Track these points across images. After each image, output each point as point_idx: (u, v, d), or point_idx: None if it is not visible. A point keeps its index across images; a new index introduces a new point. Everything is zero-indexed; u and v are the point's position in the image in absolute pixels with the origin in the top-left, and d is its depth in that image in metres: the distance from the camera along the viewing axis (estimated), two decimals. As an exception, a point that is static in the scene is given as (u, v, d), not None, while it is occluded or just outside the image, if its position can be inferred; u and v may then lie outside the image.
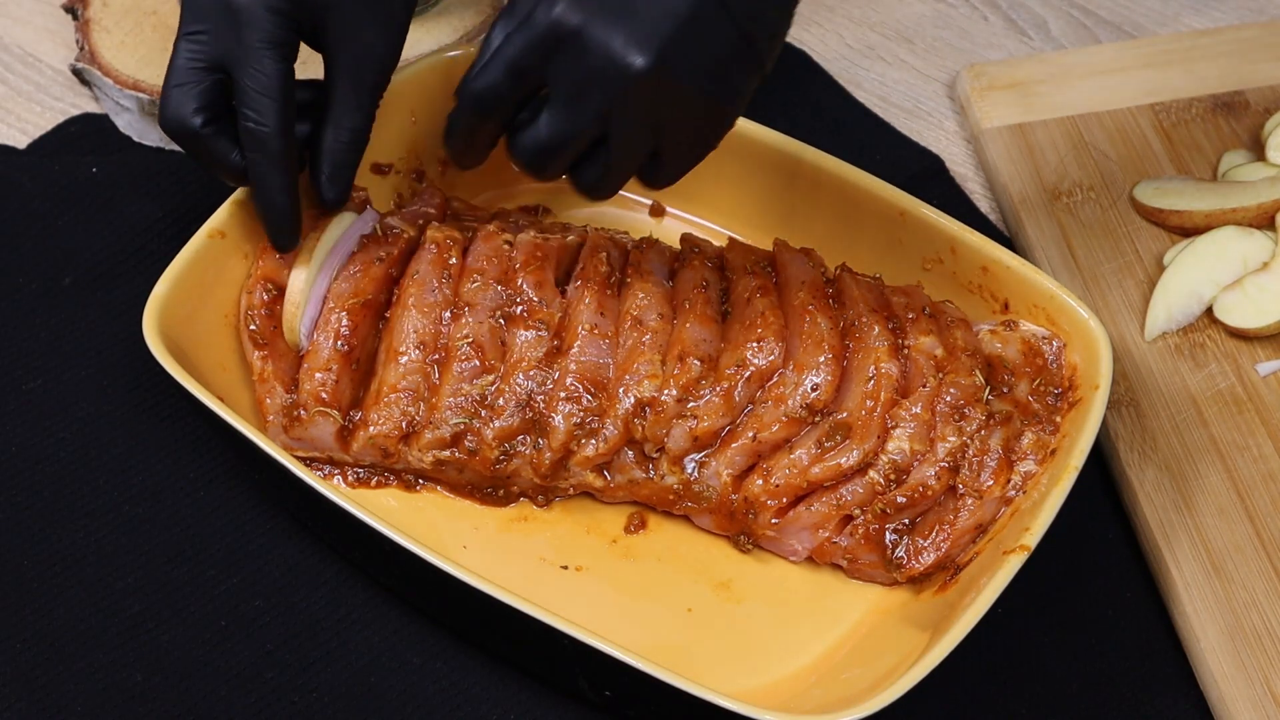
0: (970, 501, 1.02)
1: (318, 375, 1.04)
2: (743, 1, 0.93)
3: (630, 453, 1.04)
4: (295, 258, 1.07)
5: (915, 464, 1.02)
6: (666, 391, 1.02)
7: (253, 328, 1.05)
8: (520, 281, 1.06)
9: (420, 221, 1.11)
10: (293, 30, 1.00)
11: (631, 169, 0.99)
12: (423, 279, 1.05)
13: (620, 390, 1.03)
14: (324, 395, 1.04)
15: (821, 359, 1.03)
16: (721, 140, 1.00)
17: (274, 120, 0.99)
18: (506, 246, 1.07)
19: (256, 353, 1.05)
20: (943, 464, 1.01)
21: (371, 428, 1.04)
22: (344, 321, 1.05)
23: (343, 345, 1.04)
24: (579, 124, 0.94)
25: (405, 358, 1.04)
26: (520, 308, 1.05)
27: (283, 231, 1.04)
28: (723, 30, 0.93)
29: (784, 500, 1.02)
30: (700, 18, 0.92)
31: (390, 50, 1.03)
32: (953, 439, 1.02)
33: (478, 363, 1.04)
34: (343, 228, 1.08)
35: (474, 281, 1.05)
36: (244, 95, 0.99)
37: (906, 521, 1.02)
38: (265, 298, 1.06)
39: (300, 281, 1.05)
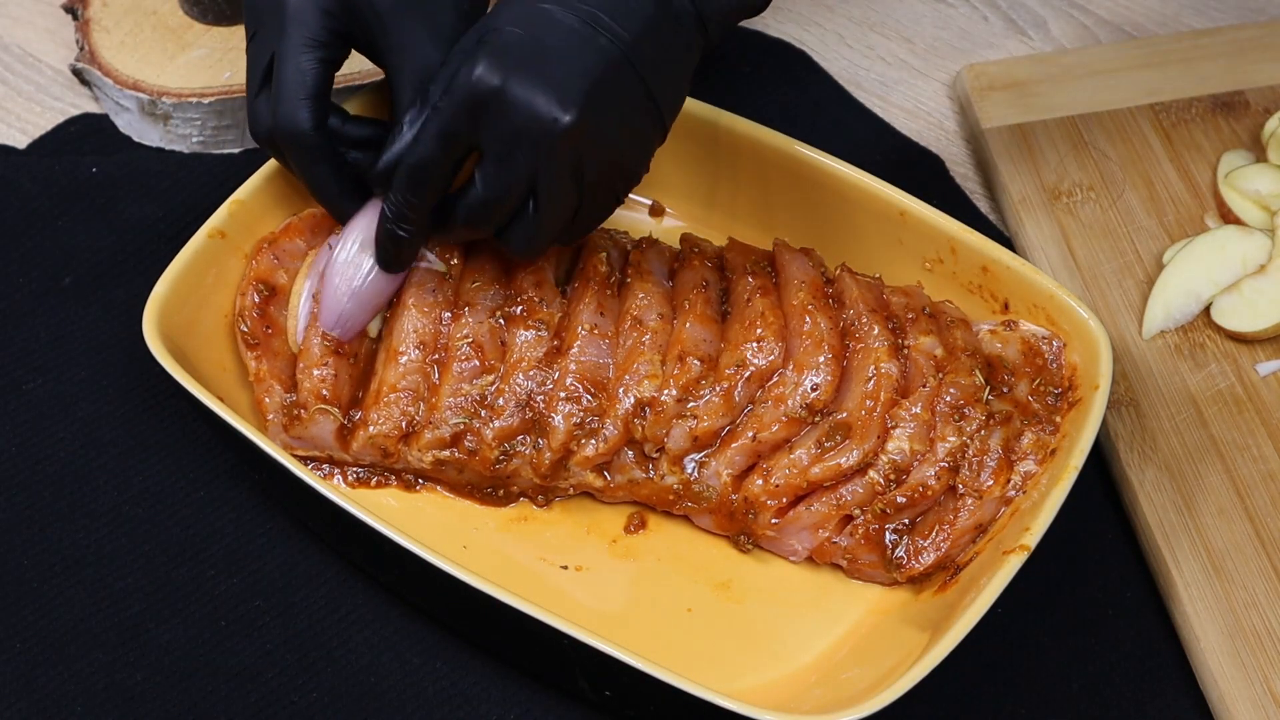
0: (970, 501, 1.02)
1: (315, 372, 1.04)
2: (648, 64, 0.96)
3: (630, 453, 1.04)
4: (295, 266, 1.07)
5: (915, 464, 1.02)
6: (666, 391, 1.02)
7: (244, 329, 1.05)
8: (521, 281, 1.06)
9: None
10: (339, 34, 1.01)
11: (560, 225, 1.00)
12: (422, 279, 1.05)
13: (620, 390, 1.03)
14: (325, 392, 1.04)
15: (821, 359, 1.03)
16: (621, 201, 1.03)
17: (306, 117, 1.00)
18: (507, 246, 1.08)
19: (250, 353, 1.05)
20: (943, 464, 1.01)
21: (371, 427, 1.04)
22: None
23: (329, 341, 1.04)
24: (510, 181, 0.96)
25: (405, 357, 1.04)
26: (520, 307, 1.05)
27: (345, 215, 1.05)
28: (633, 90, 0.96)
29: (784, 500, 1.02)
30: (614, 77, 0.95)
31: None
32: (953, 439, 1.02)
33: (477, 363, 1.04)
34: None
35: (474, 281, 1.05)
36: (280, 87, 1.01)
37: (906, 521, 1.02)
38: (257, 299, 1.06)
39: (298, 293, 1.06)
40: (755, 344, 1.03)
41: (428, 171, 0.97)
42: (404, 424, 1.04)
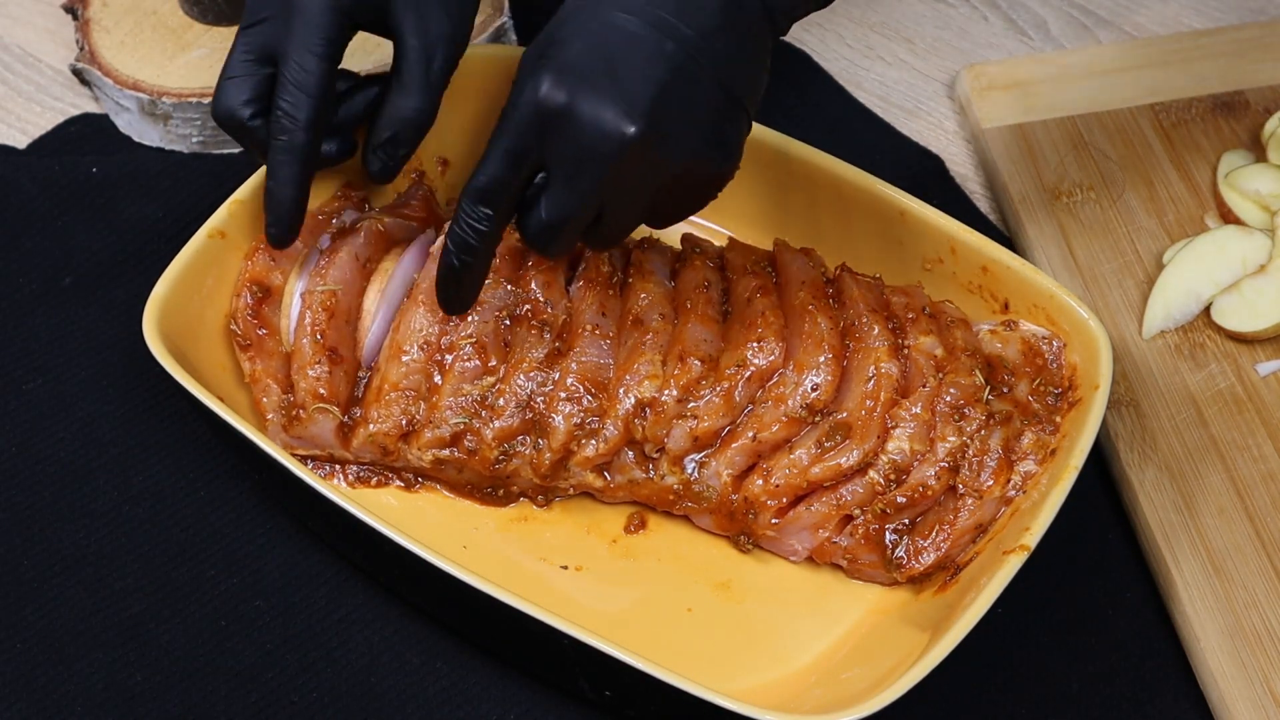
0: (970, 501, 1.02)
1: (310, 372, 1.04)
2: (720, 59, 0.93)
3: (630, 453, 1.04)
4: (292, 267, 1.07)
5: (915, 464, 1.02)
6: (667, 392, 1.02)
7: (235, 330, 1.05)
8: (530, 281, 1.05)
9: (407, 214, 1.11)
10: (348, 28, 1.01)
11: (632, 226, 0.99)
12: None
13: (621, 390, 1.03)
14: (321, 391, 1.04)
15: (821, 359, 1.03)
16: (720, 191, 1.00)
17: (304, 115, 1.00)
18: (518, 244, 1.07)
19: (244, 355, 1.06)
20: (943, 464, 1.01)
21: (371, 425, 1.04)
22: (320, 318, 1.05)
23: (320, 338, 1.04)
24: (580, 199, 0.94)
25: (408, 356, 1.04)
26: (526, 308, 1.05)
27: (280, 223, 1.04)
28: (706, 89, 0.93)
29: (784, 500, 1.02)
30: (683, 79, 0.92)
31: (456, 30, 1.03)
32: (953, 439, 1.02)
33: (479, 363, 1.04)
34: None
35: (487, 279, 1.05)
36: (281, 87, 1.00)
37: (906, 521, 1.02)
38: (250, 300, 1.06)
39: (290, 288, 1.06)
40: (756, 344, 1.03)
41: (496, 194, 0.94)
42: (404, 422, 1.04)
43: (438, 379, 1.04)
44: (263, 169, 1.10)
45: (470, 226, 0.95)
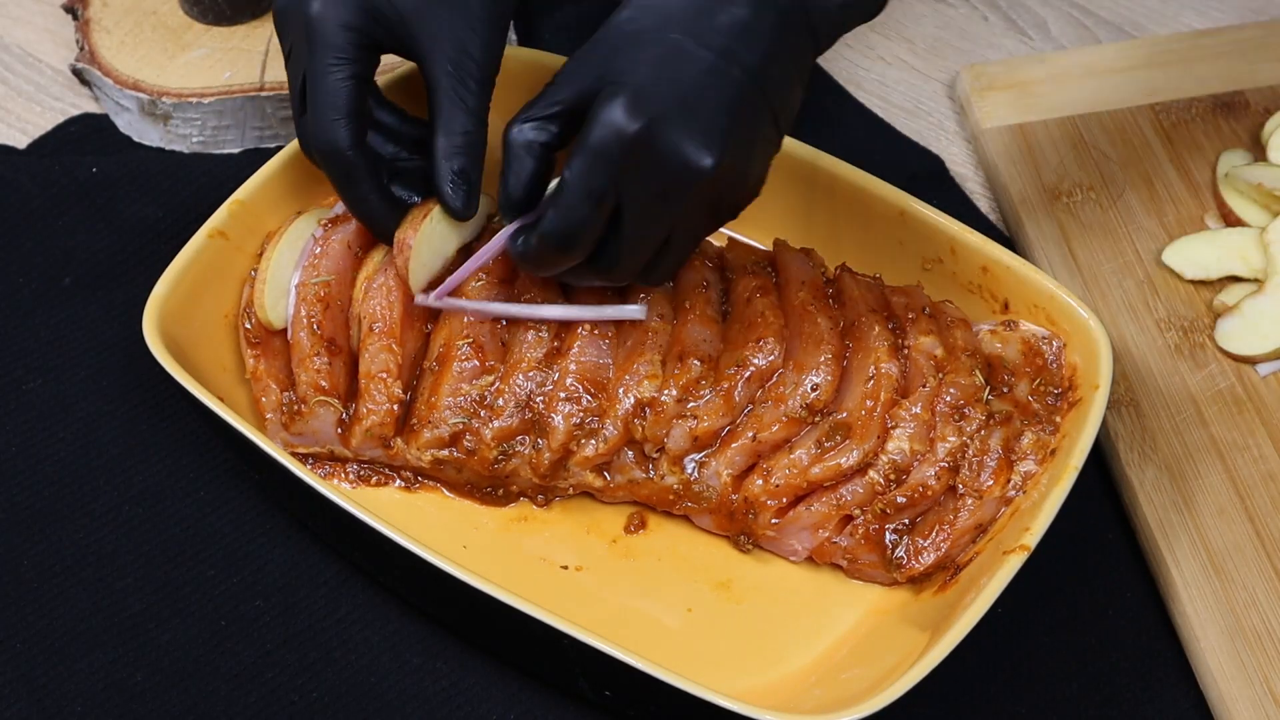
0: (970, 501, 1.02)
1: (310, 364, 1.04)
2: (772, 86, 0.93)
3: (630, 453, 1.04)
4: (269, 234, 1.07)
5: (915, 464, 1.02)
6: (666, 392, 1.02)
7: (248, 326, 1.06)
8: (524, 281, 1.05)
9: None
10: (367, 46, 1.00)
11: (687, 258, 1.01)
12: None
13: (620, 390, 1.03)
14: (323, 384, 1.04)
15: (821, 359, 1.03)
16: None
17: (343, 136, 0.99)
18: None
19: (250, 350, 1.06)
20: (943, 464, 1.01)
21: (365, 420, 1.03)
22: (315, 310, 1.05)
23: (318, 329, 1.04)
24: (654, 233, 0.95)
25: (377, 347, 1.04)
26: (522, 308, 1.05)
27: (388, 233, 1.04)
28: (762, 114, 0.93)
29: (784, 500, 1.02)
30: (749, 109, 0.92)
31: (484, 45, 1.00)
32: (953, 439, 1.02)
33: (477, 363, 1.04)
34: (314, 220, 1.08)
35: (478, 280, 1.05)
36: (310, 112, 1.00)
37: (906, 521, 1.02)
38: None
39: (269, 260, 1.06)
40: (755, 344, 1.03)
41: (579, 238, 0.95)
42: (395, 408, 1.03)
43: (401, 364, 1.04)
44: (264, 167, 1.10)
45: (546, 261, 0.97)
